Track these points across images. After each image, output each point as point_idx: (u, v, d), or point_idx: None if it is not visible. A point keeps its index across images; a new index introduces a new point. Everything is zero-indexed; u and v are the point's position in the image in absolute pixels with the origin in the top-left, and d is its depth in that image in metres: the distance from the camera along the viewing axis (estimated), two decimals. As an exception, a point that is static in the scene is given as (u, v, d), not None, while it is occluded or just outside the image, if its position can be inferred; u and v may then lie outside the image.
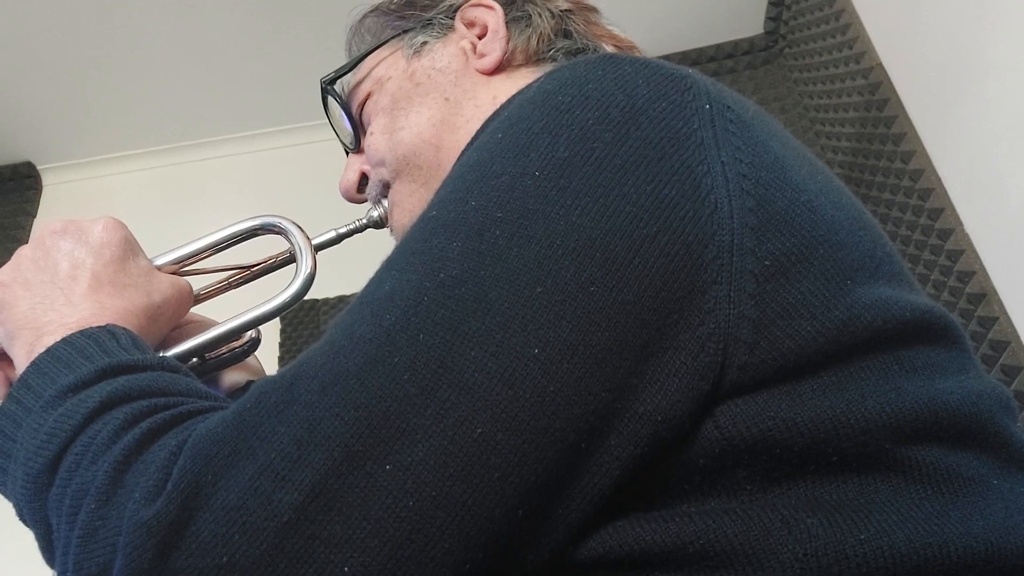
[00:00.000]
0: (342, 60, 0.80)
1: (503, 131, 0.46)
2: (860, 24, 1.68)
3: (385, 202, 0.73)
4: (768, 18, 2.05)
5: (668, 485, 0.41)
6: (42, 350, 0.50)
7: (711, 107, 0.45)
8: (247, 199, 2.19)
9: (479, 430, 0.37)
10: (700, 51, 2.11)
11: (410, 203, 0.70)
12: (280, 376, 0.42)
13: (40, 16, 1.91)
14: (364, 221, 0.74)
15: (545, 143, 0.44)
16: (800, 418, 0.40)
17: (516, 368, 0.38)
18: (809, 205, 0.44)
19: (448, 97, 0.70)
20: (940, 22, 1.39)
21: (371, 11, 0.80)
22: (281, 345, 1.92)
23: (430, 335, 0.39)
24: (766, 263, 0.41)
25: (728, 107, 0.46)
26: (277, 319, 1.96)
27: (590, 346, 0.39)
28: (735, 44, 2.09)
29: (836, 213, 0.45)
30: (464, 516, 0.37)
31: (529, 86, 0.49)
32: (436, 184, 0.48)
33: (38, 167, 2.31)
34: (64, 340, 0.50)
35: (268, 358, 1.88)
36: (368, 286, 0.44)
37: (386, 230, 0.75)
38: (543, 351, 0.39)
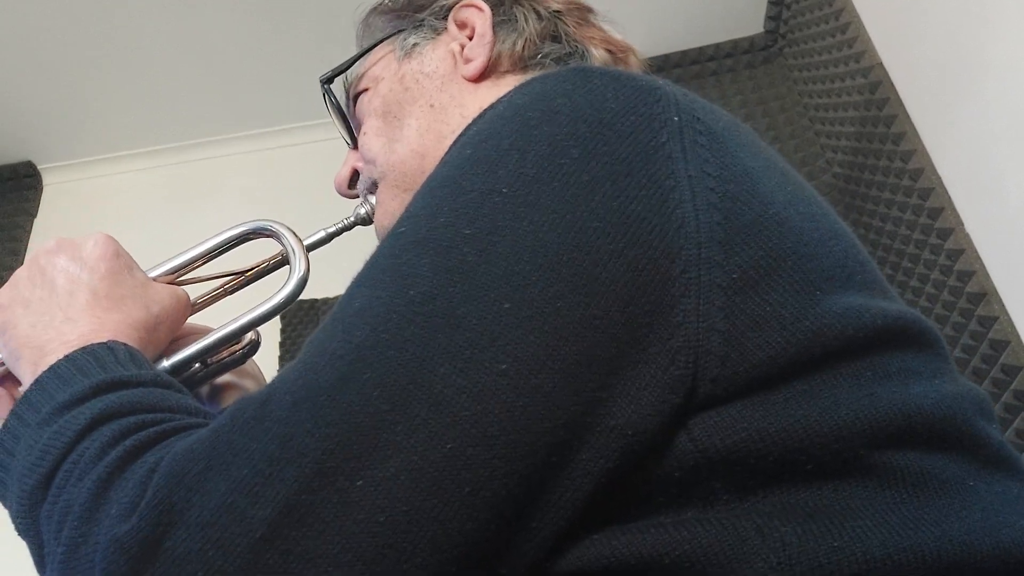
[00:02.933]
0: (342, 59, 0.80)
1: (473, 146, 0.46)
2: (860, 23, 1.69)
3: (372, 199, 0.74)
4: (768, 17, 2.05)
5: (644, 498, 0.41)
6: (45, 368, 0.51)
7: (680, 119, 0.45)
8: (248, 198, 2.19)
9: (449, 445, 0.38)
10: (700, 50, 2.11)
11: (392, 206, 0.71)
12: (256, 394, 0.42)
13: (40, 16, 1.91)
14: (352, 219, 0.75)
15: (514, 159, 0.44)
16: (774, 428, 0.40)
17: (485, 383, 0.38)
18: (777, 217, 0.44)
19: (434, 104, 0.70)
20: (940, 21, 1.39)
21: (375, 8, 0.80)
22: (281, 345, 1.92)
23: (400, 351, 0.40)
24: (734, 276, 0.41)
25: (697, 118, 0.46)
26: (278, 320, 1.97)
27: (559, 360, 0.39)
28: (735, 43, 2.09)
29: (805, 224, 0.45)
30: (436, 531, 0.37)
31: (500, 99, 0.49)
32: (417, 189, 0.48)
33: (38, 167, 2.31)
34: (66, 357, 0.51)
35: (268, 358, 1.89)
36: (340, 302, 0.44)
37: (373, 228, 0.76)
38: (511, 366, 0.39)
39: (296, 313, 1.97)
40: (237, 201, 2.20)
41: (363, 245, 0.75)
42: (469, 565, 0.38)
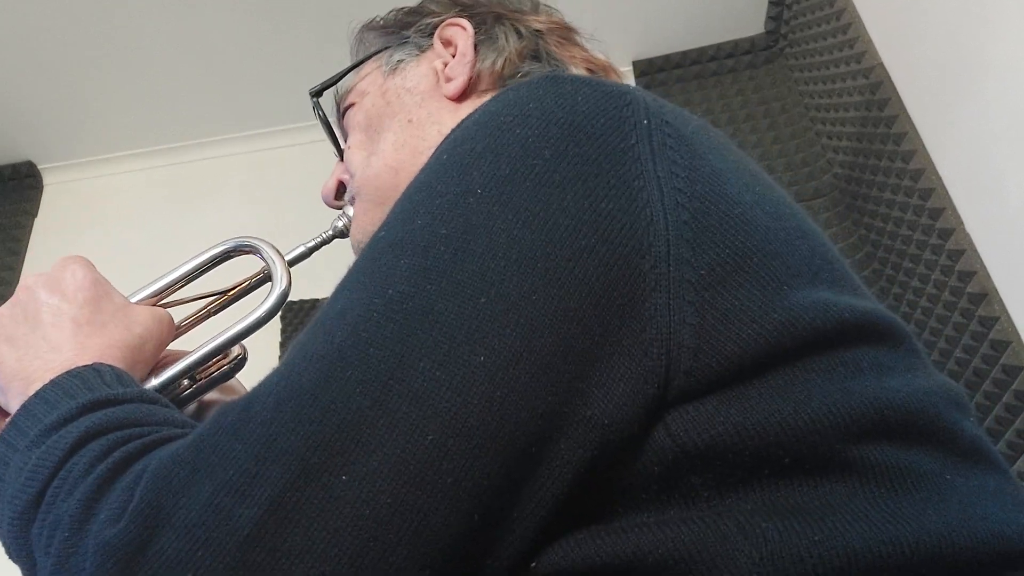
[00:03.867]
0: (343, 60, 0.81)
1: (448, 152, 0.48)
2: (861, 24, 1.69)
3: (351, 211, 0.75)
4: (769, 17, 2.05)
5: (626, 495, 0.42)
6: (31, 394, 0.51)
7: (649, 122, 0.46)
8: (248, 199, 2.20)
9: (430, 437, 0.38)
10: (701, 51, 2.11)
11: (364, 221, 0.72)
12: (239, 399, 0.43)
13: (40, 16, 1.91)
14: (331, 232, 0.76)
15: (487, 161, 0.45)
16: (749, 422, 0.41)
17: (463, 376, 0.39)
18: (743, 217, 0.45)
19: (412, 119, 0.71)
20: (941, 21, 1.39)
21: (367, 24, 0.81)
22: (282, 345, 1.93)
23: (380, 349, 0.40)
24: (702, 272, 0.42)
25: (666, 122, 0.47)
26: (278, 321, 1.97)
27: (535, 352, 0.40)
28: (735, 44, 2.09)
29: (772, 223, 0.46)
30: (420, 523, 0.38)
31: (476, 109, 0.50)
32: (391, 204, 0.49)
33: (39, 167, 2.32)
34: (52, 382, 0.52)
35: (268, 358, 1.88)
36: (324, 307, 0.45)
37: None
38: (488, 358, 0.40)
39: (297, 314, 1.97)
40: (237, 201, 2.20)
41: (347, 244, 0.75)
42: (453, 558, 0.38)
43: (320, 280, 0.87)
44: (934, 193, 1.42)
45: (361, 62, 0.77)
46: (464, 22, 0.74)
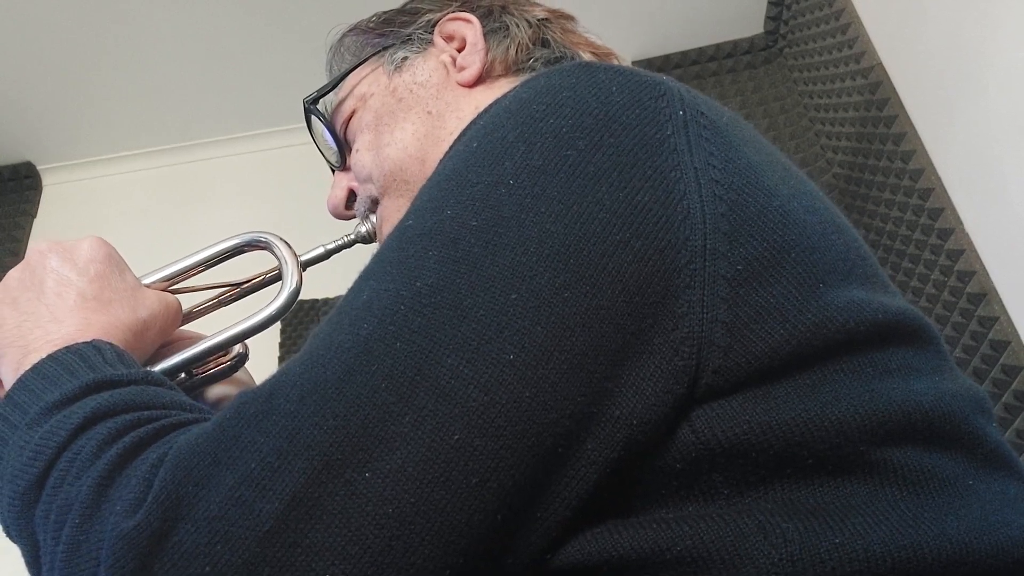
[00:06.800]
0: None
1: (479, 140, 0.47)
2: (860, 24, 1.69)
3: (373, 217, 0.74)
4: (768, 18, 2.05)
5: (646, 490, 0.41)
6: (28, 367, 0.50)
7: (684, 113, 0.46)
8: (249, 199, 2.19)
9: (456, 436, 0.38)
10: (700, 51, 2.11)
11: (398, 218, 0.71)
12: (260, 388, 0.42)
13: (40, 16, 1.91)
14: (352, 236, 0.74)
15: (519, 151, 0.44)
16: (775, 421, 0.40)
17: (492, 374, 0.39)
18: (781, 210, 0.44)
19: (431, 111, 0.71)
20: (940, 21, 1.39)
21: (350, 30, 0.81)
22: (281, 345, 1.92)
23: (407, 343, 0.40)
24: (738, 267, 0.41)
25: (702, 113, 0.46)
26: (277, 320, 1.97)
27: (565, 351, 0.39)
28: (735, 44, 2.09)
29: (808, 217, 0.45)
30: (443, 522, 0.37)
31: (506, 94, 0.49)
32: None
33: (38, 167, 2.31)
34: (50, 356, 0.50)
35: (268, 359, 1.88)
36: (347, 296, 0.44)
37: (375, 245, 0.75)
38: (518, 356, 0.39)
39: (296, 313, 1.97)
40: (238, 202, 2.20)
41: (367, 248, 0.75)
42: (475, 557, 0.38)
43: (323, 281, 0.87)
44: (934, 193, 1.42)
45: (360, 63, 0.77)
46: (468, 15, 0.75)
